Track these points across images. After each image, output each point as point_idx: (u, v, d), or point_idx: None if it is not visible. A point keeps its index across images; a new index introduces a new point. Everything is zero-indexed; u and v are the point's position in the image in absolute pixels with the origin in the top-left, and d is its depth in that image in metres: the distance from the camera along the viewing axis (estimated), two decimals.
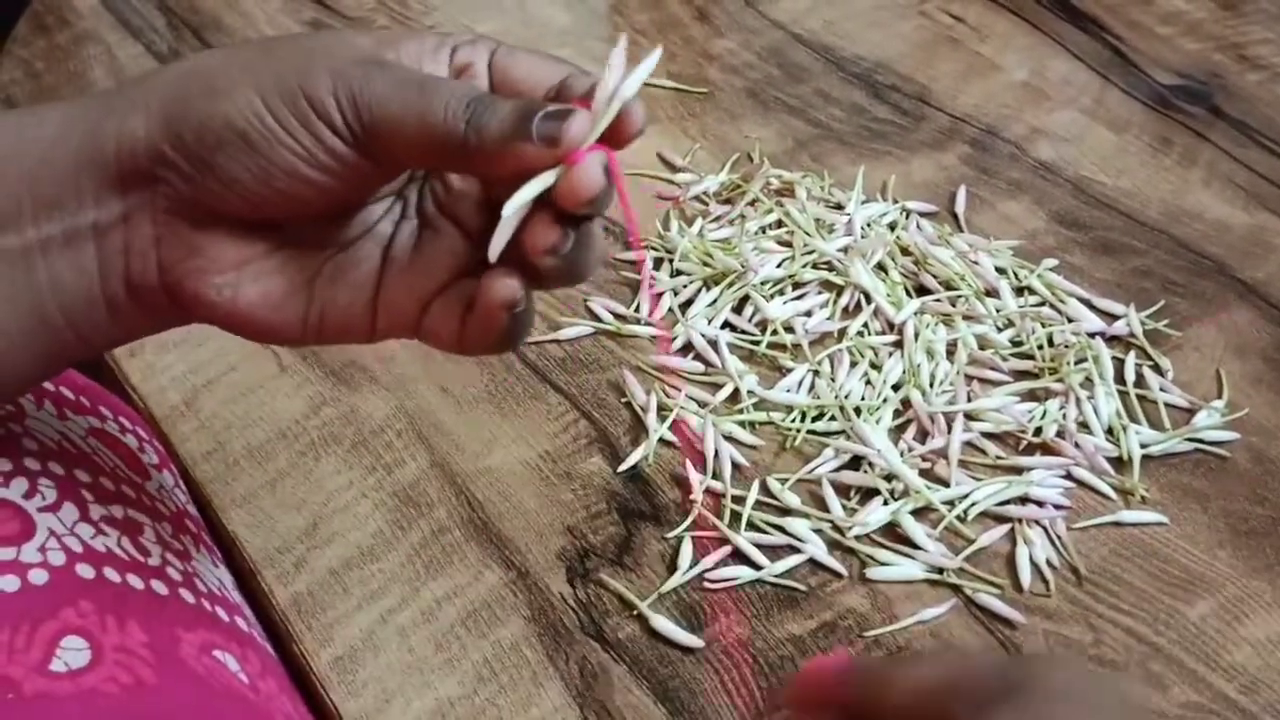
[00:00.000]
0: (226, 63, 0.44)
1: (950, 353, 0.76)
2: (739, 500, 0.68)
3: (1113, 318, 0.80)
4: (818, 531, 0.67)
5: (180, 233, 0.44)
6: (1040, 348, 0.77)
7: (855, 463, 0.71)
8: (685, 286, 0.80)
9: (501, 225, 0.42)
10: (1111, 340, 0.79)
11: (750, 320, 0.78)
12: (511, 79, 0.45)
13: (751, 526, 0.67)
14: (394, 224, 0.48)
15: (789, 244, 0.82)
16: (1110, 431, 0.73)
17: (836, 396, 0.73)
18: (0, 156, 0.45)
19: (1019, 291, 0.81)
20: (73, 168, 0.44)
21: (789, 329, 0.77)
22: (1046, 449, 0.72)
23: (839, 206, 0.86)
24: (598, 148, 0.42)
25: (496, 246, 0.42)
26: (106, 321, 0.46)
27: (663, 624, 0.63)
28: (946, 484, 0.69)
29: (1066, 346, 0.77)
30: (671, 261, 0.81)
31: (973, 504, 0.68)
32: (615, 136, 0.42)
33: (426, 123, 0.41)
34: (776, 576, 0.65)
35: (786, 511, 0.68)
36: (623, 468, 0.70)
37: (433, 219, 0.48)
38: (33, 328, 0.45)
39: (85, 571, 0.49)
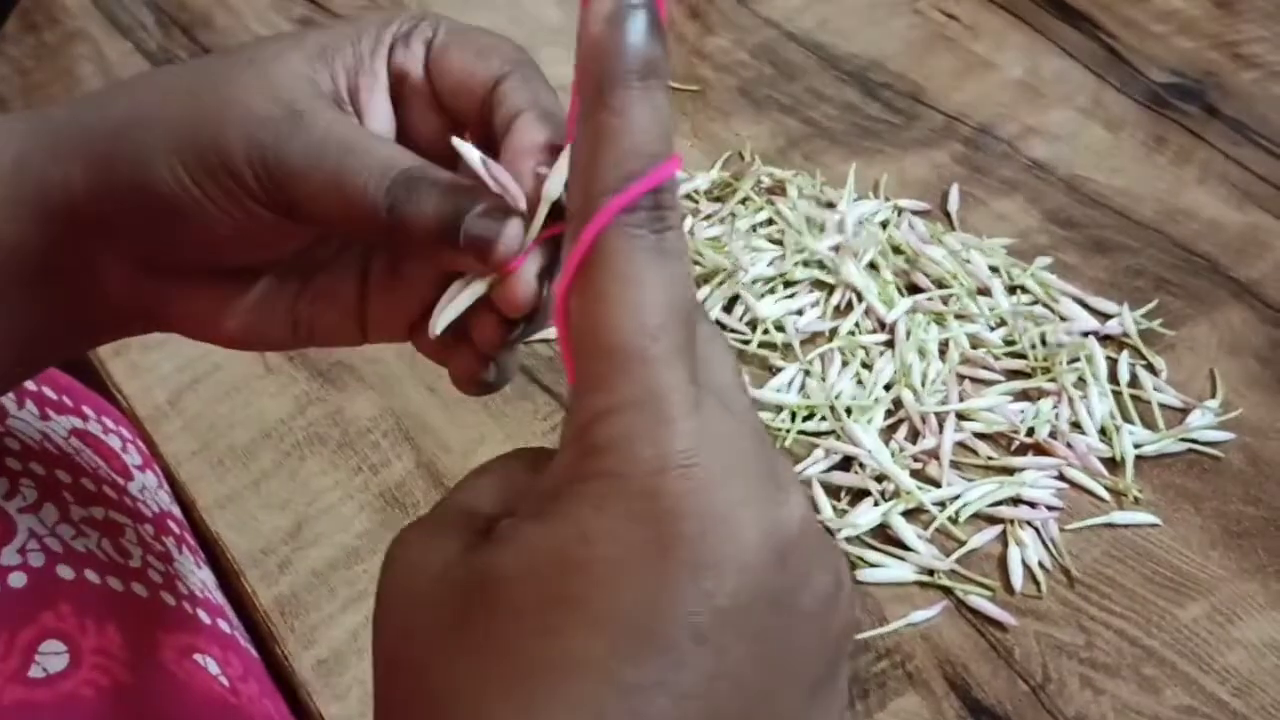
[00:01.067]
0: (152, 115, 0.40)
1: (942, 352, 0.76)
2: None
3: (1106, 317, 0.79)
4: None
5: (149, 284, 0.42)
6: (1033, 347, 0.76)
7: (846, 463, 0.70)
8: None
9: (436, 319, 0.39)
10: (1105, 339, 0.78)
11: (741, 319, 0.77)
12: (447, 85, 0.41)
13: None
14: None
15: (780, 242, 0.82)
16: (1103, 432, 0.72)
17: (827, 396, 0.73)
18: None
19: (1012, 290, 0.80)
20: (30, 211, 0.42)
21: (780, 328, 0.76)
22: (1039, 449, 0.71)
23: (831, 205, 0.86)
24: (540, 239, 0.38)
25: (437, 326, 0.39)
26: (97, 315, 0.45)
27: None
28: (938, 485, 0.69)
29: (1059, 346, 0.76)
30: None
31: (964, 505, 0.68)
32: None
33: (345, 200, 0.38)
34: None
35: None
36: None
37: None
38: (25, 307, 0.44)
39: (65, 573, 0.49)
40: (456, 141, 0.38)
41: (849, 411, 0.72)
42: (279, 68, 0.40)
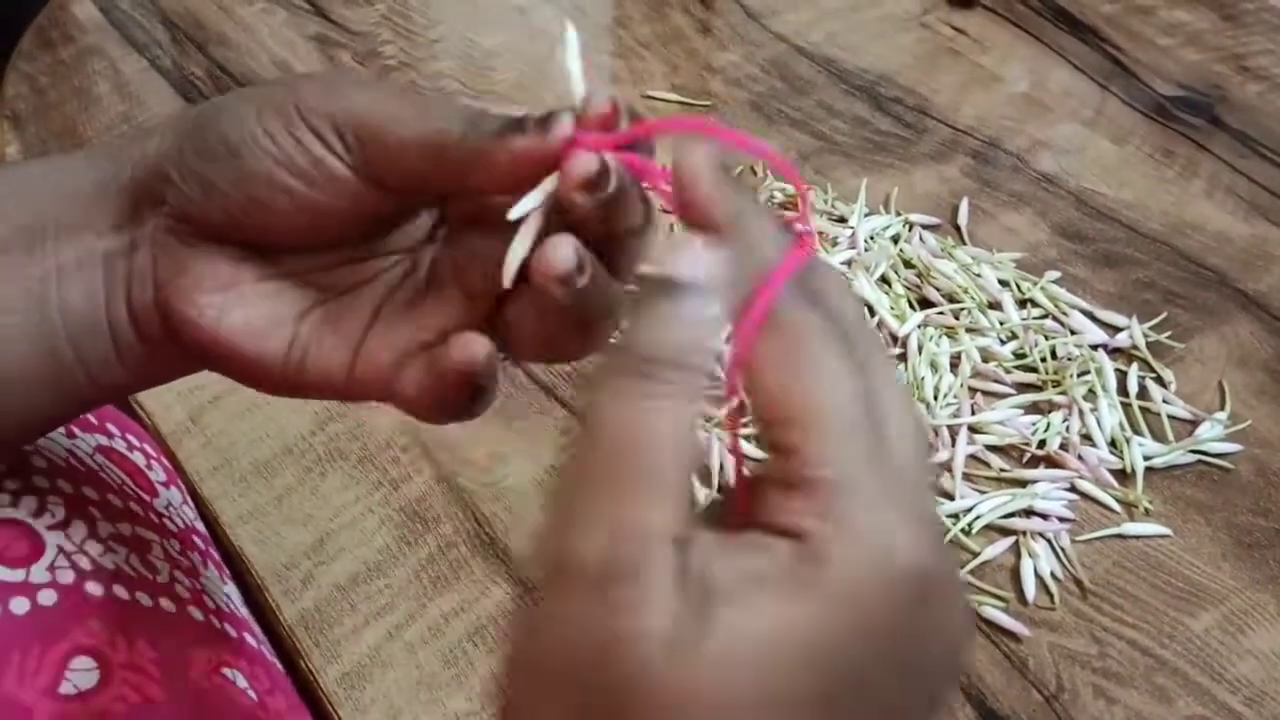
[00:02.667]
0: (244, 92, 0.44)
1: (954, 365, 0.77)
2: None
3: (1115, 330, 0.80)
4: None
5: (173, 250, 0.44)
6: (1043, 360, 0.77)
7: None
8: None
9: (517, 239, 0.40)
10: (1114, 352, 0.79)
11: None
12: None
13: None
14: (398, 280, 0.46)
15: None
16: (1113, 444, 0.73)
17: None
18: (34, 178, 0.46)
19: (1022, 304, 0.81)
20: (93, 194, 0.45)
21: None
22: (1050, 461, 0.72)
23: (842, 219, 0.87)
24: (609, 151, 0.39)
25: (511, 266, 0.40)
26: (112, 355, 0.46)
27: None
28: (951, 497, 0.70)
29: (1069, 359, 0.77)
30: None
31: (977, 517, 0.69)
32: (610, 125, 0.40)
33: (423, 132, 0.41)
34: None
35: None
36: None
37: (442, 281, 0.46)
38: (46, 365, 0.45)
39: (94, 589, 0.50)
40: (570, 31, 0.42)
41: None
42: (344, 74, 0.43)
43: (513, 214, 0.40)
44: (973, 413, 0.74)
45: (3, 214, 0.45)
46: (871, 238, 0.84)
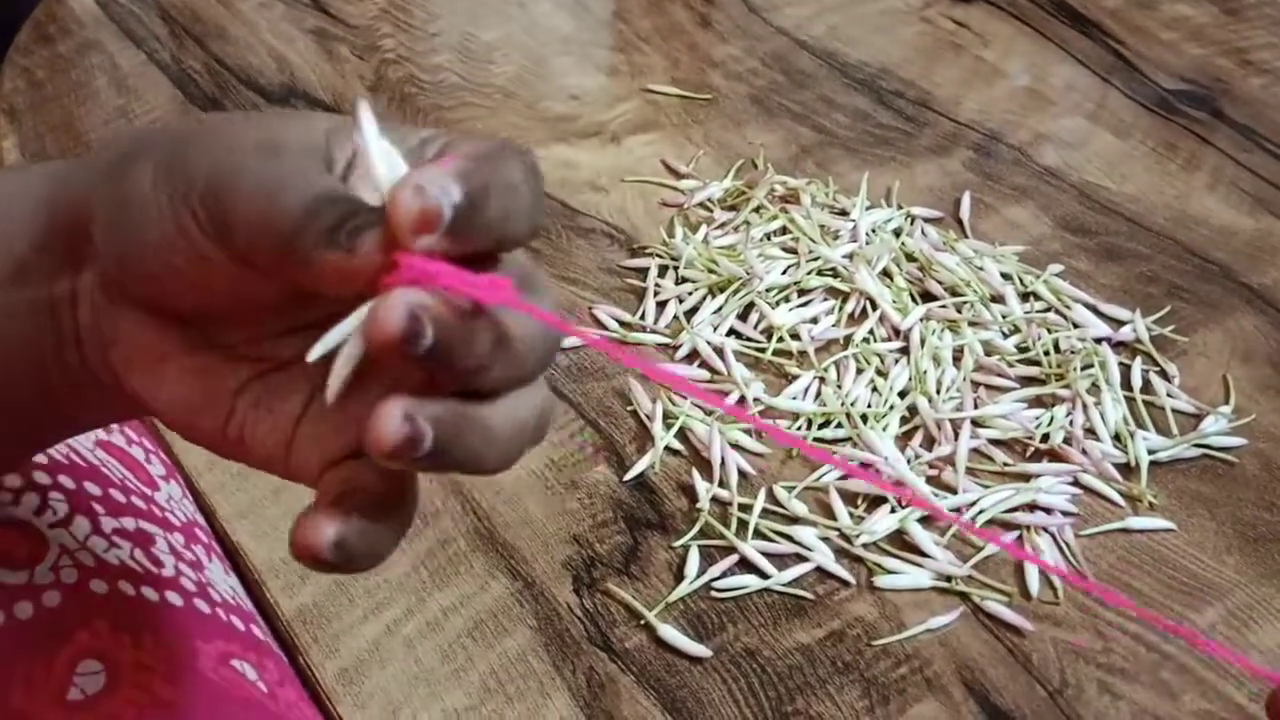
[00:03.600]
0: (156, 138, 0.38)
1: (956, 359, 0.76)
2: (746, 508, 0.68)
3: (1119, 323, 0.80)
4: (825, 539, 0.67)
5: (108, 311, 0.38)
6: (1046, 354, 0.76)
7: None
8: (690, 294, 0.80)
9: (338, 363, 0.34)
10: (1118, 346, 0.78)
11: (756, 327, 0.78)
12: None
13: (759, 535, 0.67)
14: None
15: (794, 250, 0.82)
16: (1117, 437, 0.73)
17: (843, 404, 0.73)
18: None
19: (1025, 297, 0.81)
20: (44, 235, 0.39)
21: (795, 336, 0.77)
22: (1054, 455, 0.72)
23: (844, 213, 0.86)
24: (435, 267, 0.32)
25: (332, 391, 0.35)
26: (81, 394, 0.41)
27: (670, 633, 0.63)
28: (954, 491, 0.69)
29: (1073, 352, 0.76)
30: (676, 269, 0.81)
31: (980, 511, 0.68)
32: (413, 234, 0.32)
33: (262, 208, 0.34)
34: (784, 585, 0.65)
35: (794, 519, 0.68)
36: (629, 476, 0.70)
37: (376, 368, 0.37)
38: (38, 382, 0.40)
39: (99, 587, 0.49)
40: (359, 101, 0.34)
41: (865, 419, 0.72)
42: (295, 118, 0.38)
43: (310, 357, 0.34)
44: (975, 406, 0.73)
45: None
46: (873, 231, 0.84)
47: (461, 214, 0.32)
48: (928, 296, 0.80)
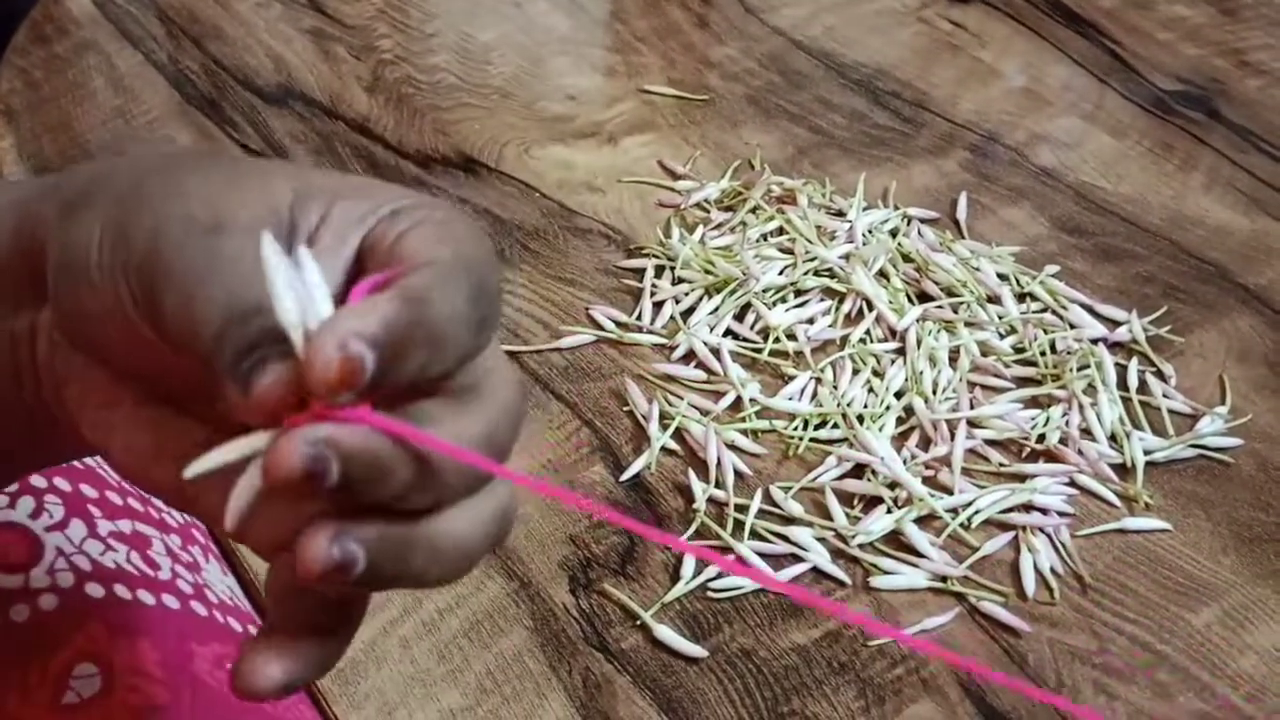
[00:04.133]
0: (112, 181, 0.35)
1: (953, 359, 0.76)
2: (742, 509, 0.68)
3: (1115, 324, 0.80)
4: (821, 540, 0.67)
5: (63, 351, 0.37)
6: (1043, 354, 0.77)
7: (858, 471, 0.70)
8: (687, 294, 0.80)
9: (239, 485, 0.32)
10: (1114, 346, 0.78)
11: (752, 328, 0.78)
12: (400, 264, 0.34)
13: (754, 535, 0.67)
14: None
15: (790, 251, 0.82)
16: (1113, 438, 0.73)
17: (839, 404, 0.73)
18: None
19: (1021, 298, 0.81)
20: (5, 263, 0.37)
21: (791, 336, 0.77)
22: (1050, 456, 0.72)
23: (840, 213, 0.86)
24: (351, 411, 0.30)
25: (231, 520, 0.32)
26: (37, 432, 0.40)
27: (666, 634, 0.63)
28: (950, 491, 0.69)
29: (1069, 353, 0.76)
30: (673, 269, 0.81)
31: (976, 511, 0.68)
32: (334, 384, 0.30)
33: (190, 321, 0.32)
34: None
35: (790, 520, 0.68)
36: (625, 476, 0.70)
37: None
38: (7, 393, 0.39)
39: (95, 590, 0.49)
40: (266, 239, 0.31)
41: (861, 419, 0.72)
42: (256, 179, 0.35)
43: (187, 474, 0.32)
44: (971, 407, 0.73)
45: None
46: (870, 232, 0.84)
47: (381, 369, 0.30)
48: (924, 297, 0.80)
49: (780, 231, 0.84)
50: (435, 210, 0.34)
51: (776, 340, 0.76)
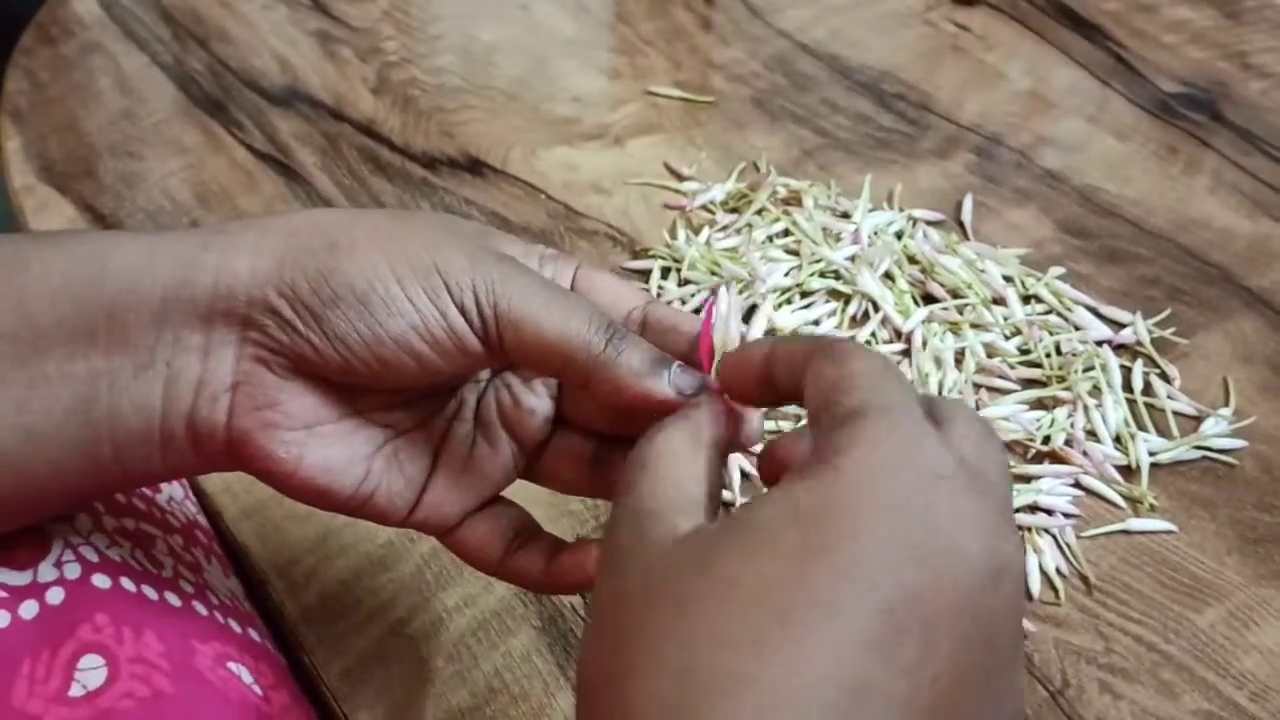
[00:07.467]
0: (349, 223, 0.43)
1: (958, 361, 0.76)
2: None
3: (1120, 326, 0.80)
4: None
5: (260, 381, 0.43)
6: (1048, 356, 0.77)
7: None
8: (693, 295, 0.80)
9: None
10: (1119, 348, 0.79)
11: (758, 329, 0.78)
12: (594, 299, 0.46)
13: None
14: (448, 421, 0.48)
15: (796, 253, 0.82)
16: (1118, 439, 0.73)
17: None
18: (81, 280, 0.42)
19: (1026, 300, 0.81)
20: (158, 301, 0.42)
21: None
22: (1055, 457, 0.72)
23: (846, 215, 0.87)
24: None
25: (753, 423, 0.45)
26: (157, 458, 0.44)
27: None
28: None
29: (1074, 355, 0.77)
30: (679, 271, 0.81)
31: None
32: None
33: (564, 335, 0.42)
34: None
35: None
36: None
37: (490, 429, 0.49)
38: (83, 462, 0.44)
39: (101, 581, 0.49)
40: (723, 291, 0.44)
41: None
42: (463, 224, 0.45)
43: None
44: (977, 408, 0.73)
45: (46, 304, 0.42)
46: (875, 234, 0.84)
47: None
48: (929, 299, 0.80)
49: (786, 233, 0.84)
50: (564, 258, 0.48)
51: None
